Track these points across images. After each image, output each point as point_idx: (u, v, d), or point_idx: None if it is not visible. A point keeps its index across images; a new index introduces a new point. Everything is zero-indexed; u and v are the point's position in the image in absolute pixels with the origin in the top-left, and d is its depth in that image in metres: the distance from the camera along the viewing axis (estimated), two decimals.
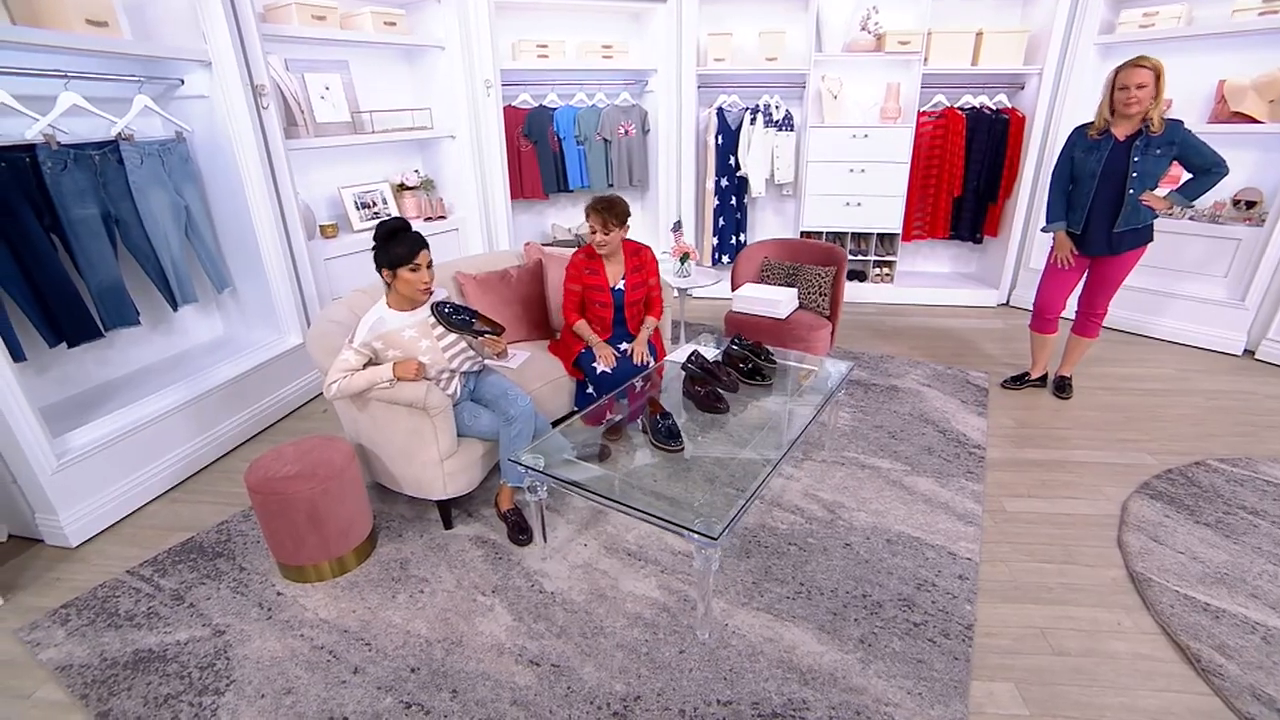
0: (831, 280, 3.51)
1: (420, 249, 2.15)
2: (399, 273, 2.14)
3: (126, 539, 2.49)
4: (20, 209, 2.48)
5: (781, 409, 2.58)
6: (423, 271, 2.17)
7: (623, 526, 2.43)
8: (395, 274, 2.15)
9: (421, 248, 2.16)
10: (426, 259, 2.18)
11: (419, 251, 2.15)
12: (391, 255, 2.12)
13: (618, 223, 2.72)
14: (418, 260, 2.15)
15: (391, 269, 2.14)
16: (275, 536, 2.12)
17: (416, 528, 2.46)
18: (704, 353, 2.53)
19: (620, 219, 2.73)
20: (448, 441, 2.27)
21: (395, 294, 2.22)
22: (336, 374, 2.15)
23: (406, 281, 2.15)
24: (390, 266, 2.14)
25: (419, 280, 2.17)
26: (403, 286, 2.17)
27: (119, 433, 2.59)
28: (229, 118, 3.12)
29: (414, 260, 2.14)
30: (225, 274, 3.41)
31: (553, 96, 4.89)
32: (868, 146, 4.81)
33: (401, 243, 2.12)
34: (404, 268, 2.13)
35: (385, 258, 2.13)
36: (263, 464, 2.13)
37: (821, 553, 2.27)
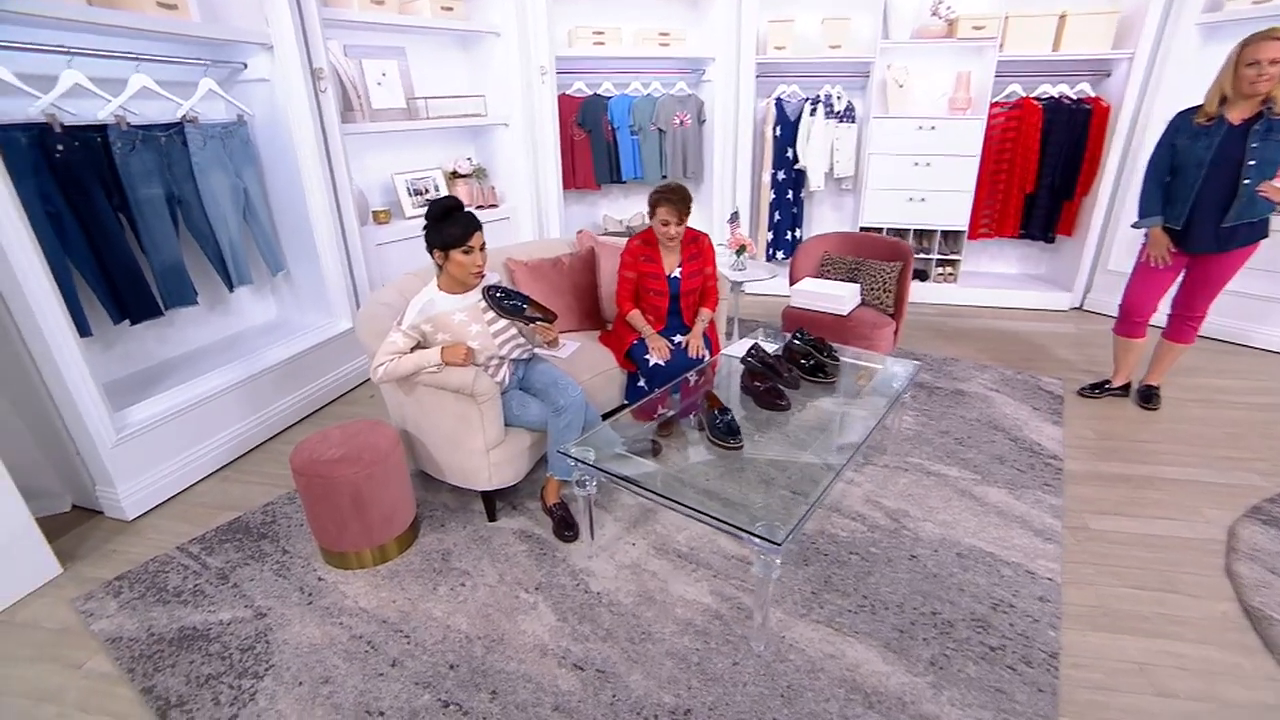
0: (897, 276, 3.32)
1: (474, 230, 2.08)
2: (451, 255, 2.08)
3: (178, 515, 2.51)
4: (92, 188, 2.52)
5: (844, 410, 2.43)
6: (475, 254, 2.11)
7: (673, 527, 2.32)
8: (447, 256, 2.09)
9: (475, 229, 2.09)
10: (480, 241, 2.11)
11: (472, 233, 2.08)
12: (444, 236, 2.05)
13: (688, 213, 2.63)
14: (471, 242, 2.08)
15: (443, 250, 2.08)
16: (318, 520, 2.09)
17: (459, 518, 2.40)
18: (765, 346, 2.39)
19: (689, 209, 2.64)
20: (494, 430, 2.20)
21: (446, 276, 2.15)
22: (384, 356, 2.10)
23: (459, 264, 2.09)
24: (442, 248, 2.08)
25: (471, 263, 2.10)
26: (454, 269, 2.10)
27: (175, 409, 2.62)
28: (288, 101, 3.13)
29: (467, 242, 2.07)
30: (280, 257, 3.44)
31: (608, 85, 4.80)
32: (934, 139, 4.57)
33: (455, 223, 2.05)
34: (456, 249, 2.07)
35: (437, 238, 2.07)
36: (308, 446, 2.10)
37: (886, 564, 2.12)
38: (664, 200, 2.59)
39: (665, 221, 2.61)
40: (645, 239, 2.79)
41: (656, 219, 2.63)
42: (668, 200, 2.58)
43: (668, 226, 2.62)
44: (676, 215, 2.59)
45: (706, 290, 2.87)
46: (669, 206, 2.58)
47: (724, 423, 2.02)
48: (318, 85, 3.23)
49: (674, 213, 2.58)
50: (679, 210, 2.59)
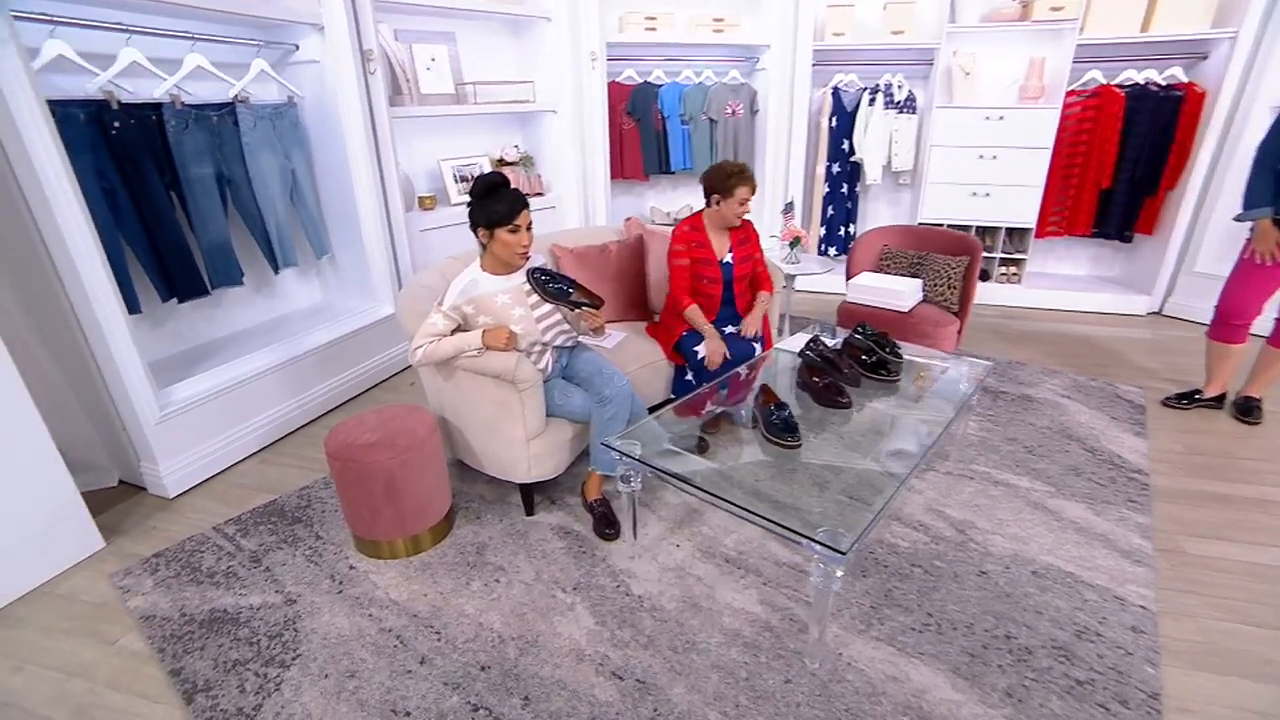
0: (963, 272, 3.11)
1: (520, 208, 1.99)
2: (496, 233, 1.99)
3: (217, 495, 2.49)
4: (146, 165, 2.52)
5: (908, 410, 2.25)
6: (522, 233, 2.01)
7: (720, 529, 2.18)
8: (492, 234, 1.99)
9: (522, 207, 1.99)
10: (526, 220, 2.01)
11: (519, 211, 1.98)
12: (489, 213, 1.96)
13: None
14: (517, 220, 1.98)
15: (488, 228, 1.99)
16: (351, 506, 2.02)
17: (496, 511, 2.32)
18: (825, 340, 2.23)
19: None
20: (535, 420, 2.10)
21: (490, 256, 2.06)
22: (423, 339, 2.02)
23: (504, 243, 1.99)
24: (487, 226, 1.98)
25: (517, 242, 2.00)
26: (499, 249, 2.01)
27: (217, 389, 2.61)
28: (337, 82, 3.10)
29: (513, 220, 1.97)
30: (325, 240, 3.42)
31: (658, 73, 4.68)
32: (1002, 130, 4.30)
33: (500, 200, 1.96)
34: (502, 228, 1.97)
35: (482, 215, 1.98)
36: (343, 430, 2.04)
37: (952, 579, 1.94)
38: (741, 180, 2.50)
39: (744, 201, 2.52)
40: (693, 224, 2.66)
41: (734, 199, 2.51)
42: (745, 180, 2.50)
43: (745, 206, 2.53)
44: (751, 190, 2.53)
45: (759, 276, 2.73)
46: (748, 186, 2.50)
47: (781, 418, 1.88)
48: (367, 67, 3.20)
49: (750, 189, 2.52)
50: (752, 185, 2.53)
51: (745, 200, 2.51)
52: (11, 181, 2.06)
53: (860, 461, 1.91)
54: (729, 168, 2.51)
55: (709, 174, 2.56)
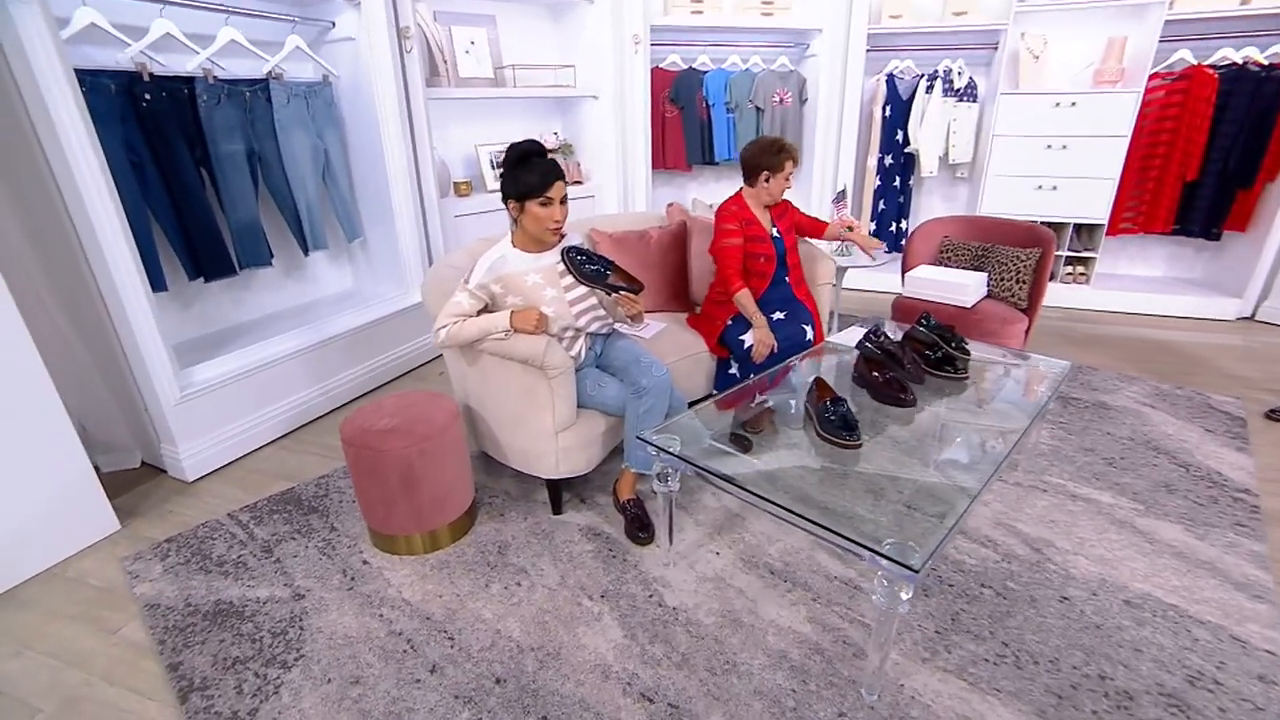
0: (1034, 266, 2.84)
1: (554, 179, 1.83)
2: (527, 206, 1.83)
3: (235, 480, 2.40)
4: (175, 139, 2.46)
5: (977, 412, 2.01)
6: (555, 207, 1.85)
7: (764, 536, 1.98)
8: (522, 207, 1.84)
9: (556, 178, 1.83)
10: (560, 192, 1.85)
11: (552, 182, 1.82)
12: (519, 184, 1.81)
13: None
14: (550, 193, 1.82)
15: (519, 201, 1.83)
16: (366, 497, 1.89)
17: (521, 508, 2.16)
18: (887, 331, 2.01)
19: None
20: (565, 410, 1.93)
21: (522, 232, 1.91)
22: (447, 318, 1.88)
23: (535, 217, 1.84)
24: (517, 198, 1.83)
25: (549, 217, 1.84)
26: (530, 223, 1.86)
27: (239, 372, 2.52)
28: (372, 60, 3.01)
29: (545, 192, 1.81)
30: (357, 223, 3.34)
31: (704, 59, 4.49)
32: (1074, 117, 3.98)
33: (533, 170, 1.80)
34: (533, 200, 1.82)
35: (512, 186, 1.82)
36: (360, 416, 1.91)
37: (1029, 604, 1.70)
38: (787, 155, 2.40)
39: (790, 175, 2.44)
40: (738, 203, 2.50)
41: (779, 176, 2.42)
42: (791, 154, 2.41)
43: (787, 180, 2.44)
44: (795, 162, 2.46)
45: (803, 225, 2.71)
46: (790, 157, 2.42)
47: (838, 415, 1.67)
48: (403, 45, 3.10)
49: (794, 161, 2.45)
50: (796, 156, 2.47)
51: (790, 175, 2.43)
52: (38, 149, 2.00)
53: (922, 468, 1.69)
54: (775, 143, 2.42)
55: (752, 151, 2.44)
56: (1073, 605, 1.70)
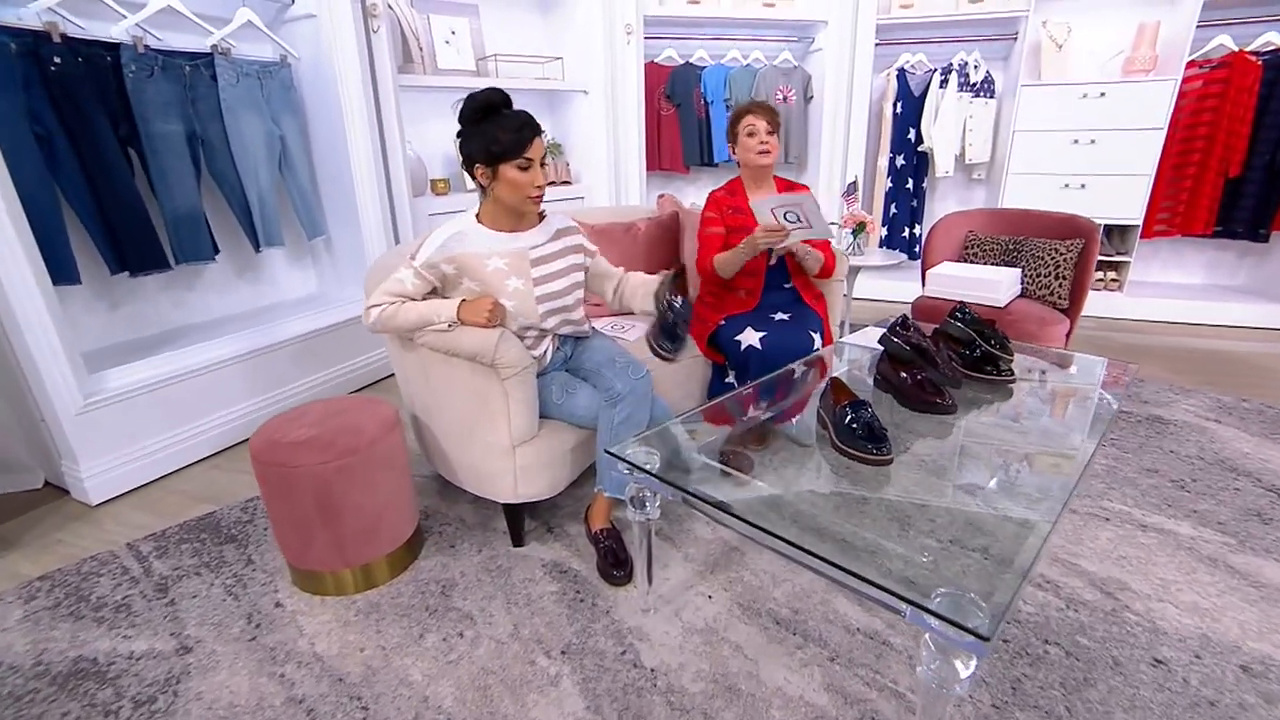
0: (1075, 260, 2.49)
1: (532, 135, 1.47)
2: (501, 171, 1.47)
3: (150, 504, 2.05)
4: (93, 112, 2.16)
5: (1025, 424, 1.65)
6: (535, 170, 1.49)
7: (768, 576, 1.61)
8: (496, 172, 1.49)
9: (534, 134, 1.48)
10: (540, 151, 1.50)
11: (530, 139, 1.46)
12: (490, 142, 1.45)
13: (778, 128, 2.00)
14: (529, 152, 1.46)
15: (489, 164, 1.48)
16: (279, 525, 1.54)
17: (475, 539, 1.80)
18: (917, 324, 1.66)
19: (778, 127, 2.00)
20: (524, 419, 1.59)
21: (493, 204, 1.57)
22: (384, 297, 1.54)
23: (513, 184, 1.48)
24: (488, 160, 1.48)
25: (530, 182, 1.49)
26: (507, 191, 1.50)
27: (163, 379, 2.19)
28: (335, 39, 2.73)
29: (524, 152, 1.46)
30: (319, 219, 3.03)
31: (701, 53, 4.22)
32: (1103, 109, 3.67)
33: (505, 124, 1.45)
34: (508, 163, 1.46)
35: (479, 146, 1.47)
36: (274, 425, 1.57)
37: (1111, 668, 1.32)
38: (749, 109, 2.03)
39: (751, 130, 2.01)
40: (730, 188, 2.17)
41: (741, 130, 2.04)
42: (752, 108, 2.03)
43: (753, 138, 2.01)
44: (768, 120, 2.01)
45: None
46: (757, 113, 2.01)
47: (860, 421, 1.31)
48: (369, 24, 2.82)
49: (765, 117, 2.01)
50: (768, 116, 2.01)
51: (756, 131, 2.01)
52: None
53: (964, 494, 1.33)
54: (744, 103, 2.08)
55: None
56: (1171, 672, 1.32)
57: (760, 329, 1.99)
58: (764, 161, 2.04)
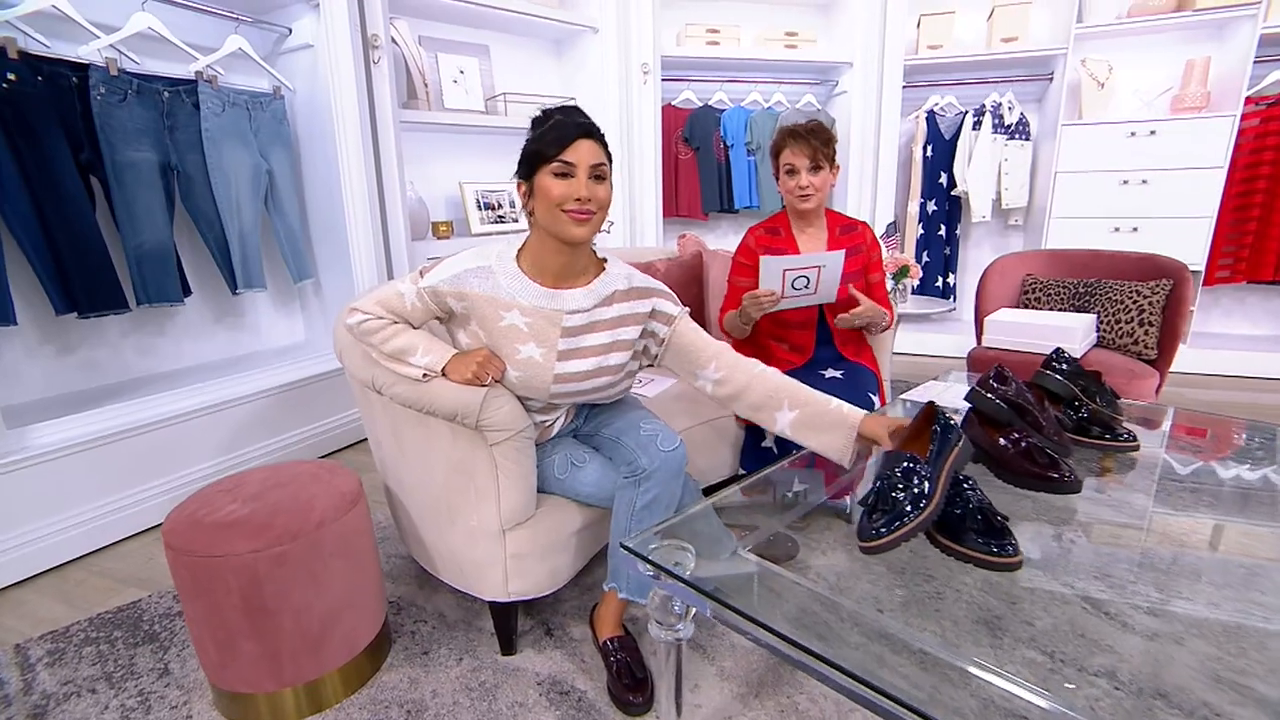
0: (1164, 303, 2.17)
1: (578, 135, 1.13)
2: (537, 182, 1.16)
3: (67, 589, 1.70)
4: (47, 134, 1.93)
5: (1168, 503, 1.28)
6: (578, 180, 1.13)
7: (830, 701, 1.23)
8: (533, 186, 1.17)
9: (581, 134, 1.14)
10: (594, 158, 1.15)
11: (575, 138, 1.13)
12: (532, 146, 1.16)
13: (829, 157, 1.68)
14: (569, 155, 1.12)
15: (527, 176, 1.18)
16: (197, 631, 1.19)
17: (456, 643, 1.44)
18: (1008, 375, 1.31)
19: (832, 152, 1.69)
20: (518, 497, 1.25)
21: (535, 240, 1.23)
22: (374, 308, 1.22)
23: (544, 196, 1.14)
24: (526, 171, 1.18)
25: (567, 194, 1.12)
26: (541, 209, 1.16)
27: (105, 436, 1.89)
28: (332, 70, 2.53)
29: (562, 153, 1.12)
30: (307, 262, 2.78)
31: (721, 96, 4.05)
32: (1154, 148, 3.42)
33: (550, 125, 1.15)
34: (544, 170, 1.14)
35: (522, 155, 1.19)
36: (199, 500, 1.23)
37: None
38: (788, 136, 1.67)
39: (791, 168, 1.68)
40: (771, 226, 1.88)
41: (781, 166, 1.72)
42: (793, 134, 1.66)
43: (796, 177, 1.68)
44: (810, 153, 1.64)
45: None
46: (797, 144, 1.65)
47: (976, 505, 0.95)
48: (370, 55, 2.64)
49: (806, 151, 1.64)
50: (812, 147, 1.64)
51: (794, 169, 1.67)
52: None
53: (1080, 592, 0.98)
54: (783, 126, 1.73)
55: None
56: None
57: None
58: (804, 206, 1.73)
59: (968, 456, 1.08)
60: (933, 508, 0.96)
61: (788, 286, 1.61)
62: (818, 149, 1.64)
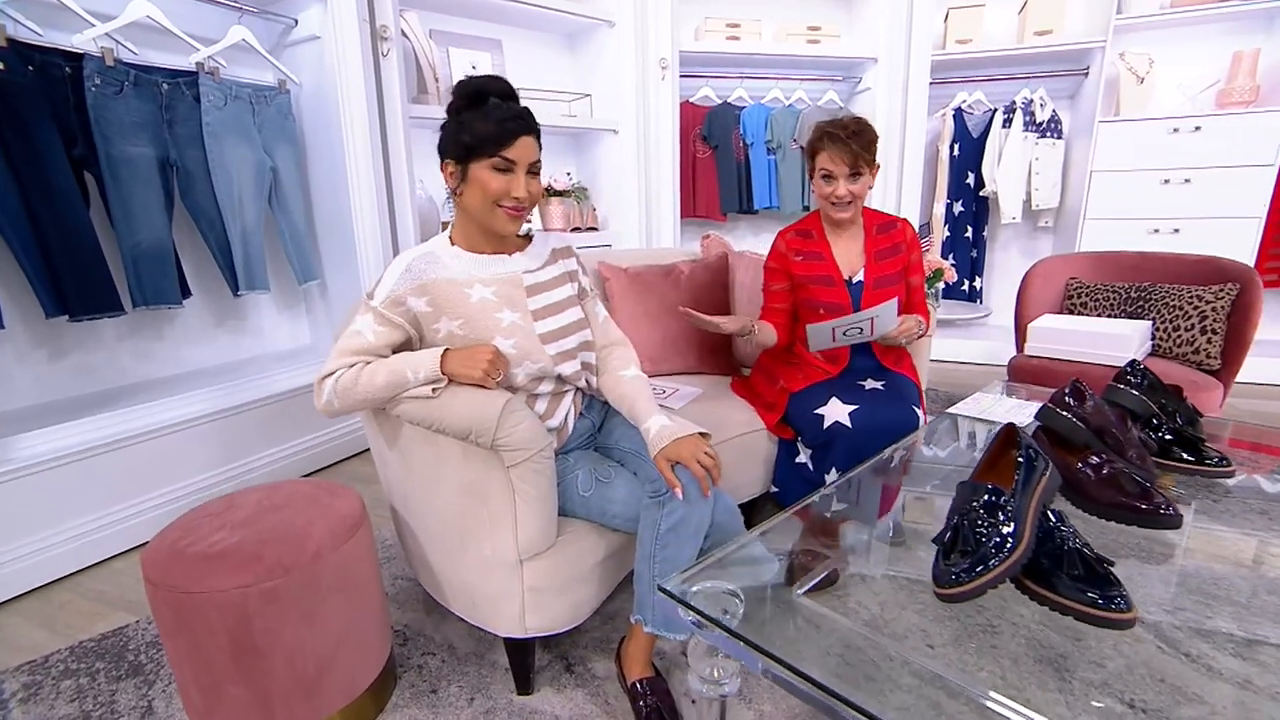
0: (1228, 309, 2.01)
1: (521, 132, 1.10)
2: (471, 171, 1.10)
3: (50, 612, 1.59)
4: (38, 127, 1.83)
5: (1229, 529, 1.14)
6: (517, 177, 1.11)
7: None
8: (465, 173, 1.11)
9: (523, 131, 1.11)
10: (531, 156, 1.13)
11: (516, 136, 1.09)
12: (463, 132, 1.08)
13: (869, 161, 1.54)
14: (510, 151, 1.09)
15: (460, 161, 1.11)
16: (181, 673, 1.07)
17: (466, 679, 1.31)
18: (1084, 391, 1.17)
19: (873, 155, 1.55)
20: (538, 524, 1.12)
21: (463, 218, 1.19)
22: (338, 360, 1.13)
23: (480, 188, 1.10)
24: (459, 157, 1.10)
25: (504, 191, 1.10)
26: (474, 200, 1.12)
27: (99, 446, 1.78)
28: (339, 62, 2.42)
29: (503, 150, 1.08)
30: (313, 262, 2.67)
31: (740, 93, 3.92)
32: (1198, 145, 3.26)
33: (488, 114, 1.08)
34: (480, 161, 1.09)
35: (451, 136, 1.11)
36: (187, 524, 1.11)
37: None
38: (826, 138, 1.52)
39: (828, 174, 1.54)
40: (802, 228, 1.74)
41: (817, 171, 1.59)
42: (830, 135, 1.52)
43: (833, 184, 1.54)
44: (850, 159, 1.50)
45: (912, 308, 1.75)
46: (836, 147, 1.50)
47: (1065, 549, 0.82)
48: (379, 47, 2.53)
49: (846, 155, 1.50)
50: (853, 152, 1.50)
51: (831, 175, 1.53)
52: None
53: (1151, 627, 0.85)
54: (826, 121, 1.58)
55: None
56: None
57: (849, 401, 1.53)
58: (840, 216, 1.60)
59: (1056, 487, 0.94)
60: (1022, 549, 0.83)
61: (838, 336, 1.53)
62: (859, 154, 1.50)
